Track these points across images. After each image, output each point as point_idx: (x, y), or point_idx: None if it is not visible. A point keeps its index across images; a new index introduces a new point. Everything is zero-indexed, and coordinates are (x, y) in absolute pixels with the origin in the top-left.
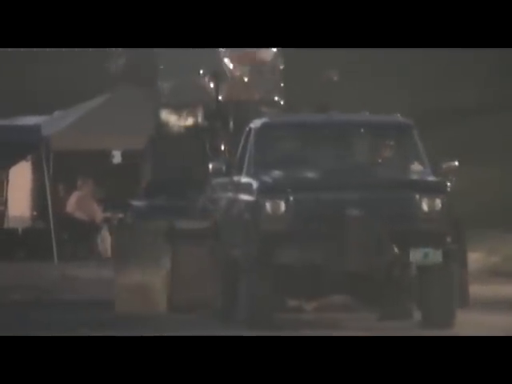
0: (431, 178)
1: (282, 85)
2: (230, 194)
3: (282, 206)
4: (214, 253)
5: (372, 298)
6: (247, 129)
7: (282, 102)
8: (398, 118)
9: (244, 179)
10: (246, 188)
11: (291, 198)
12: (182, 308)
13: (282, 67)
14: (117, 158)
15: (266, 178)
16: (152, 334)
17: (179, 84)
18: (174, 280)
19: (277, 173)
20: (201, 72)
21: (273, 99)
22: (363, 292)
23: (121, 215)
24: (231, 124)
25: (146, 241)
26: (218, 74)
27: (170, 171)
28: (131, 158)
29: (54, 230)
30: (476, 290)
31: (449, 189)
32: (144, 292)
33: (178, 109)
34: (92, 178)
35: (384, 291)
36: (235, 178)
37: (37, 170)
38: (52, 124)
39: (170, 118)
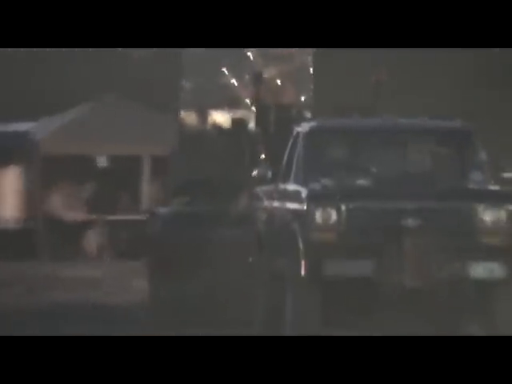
0: (494, 188)
1: (312, 87)
2: (276, 203)
3: (334, 215)
4: (256, 265)
5: (430, 315)
6: (294, 133)
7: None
8: (458, 123)
9: (291, 186)
10: (294, 196)
11: (343, 207)
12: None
13: (312, 69)
14: (102, 162)
15: (316, 186)
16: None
17: (205, 85)
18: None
19: (327, 180)
20: (226, 72)
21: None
22: (420, 309)
23: (109, 217)
24: (272, 128)
25: (182, 253)
26: (258, 75)
27: (201, 177)
28: (115, 163)
29: (42, 231)
30: None
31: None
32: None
33: (203, 111)
34: (78, 180)
35: (447, 309)
36: (282, 186)
37: (26, 174)
38: (40, 130)
39: (195, 121)
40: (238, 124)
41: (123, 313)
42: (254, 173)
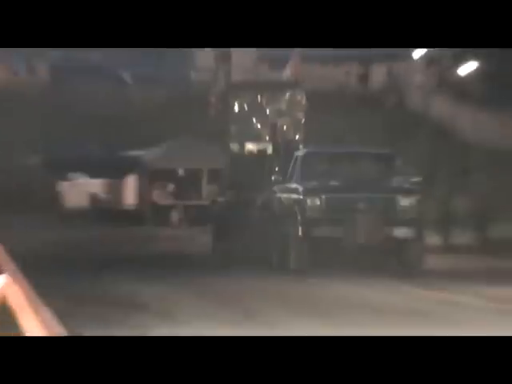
0: (407, 186)
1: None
2: (285, 194)
3: (317, 202)
4: (273, 230)
5: (373, 259)
6: (295, 156)
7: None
8: (387, 150)
9: (294, 185)
10: (296, 191)
11: (323, 197)
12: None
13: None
14: (181, 172)
15: (308, 185)
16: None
17: (246, 127)
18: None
19: (313, 182)
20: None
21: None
22: (367, 256)
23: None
24: (282, 153)
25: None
26: (274, 125)
27: (240, 180)
28: (188, 173)
29: (149, 211)
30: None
31: (418, 192)
32: None
33: (242, 143)
34: (168, 182)
35: (381, 255)
36: (288, 185)
37: (141, 179)
38: (148, 155)
39: (237, 149)
40: (262, 151)
41: (194, 257)
42: (272, 178)
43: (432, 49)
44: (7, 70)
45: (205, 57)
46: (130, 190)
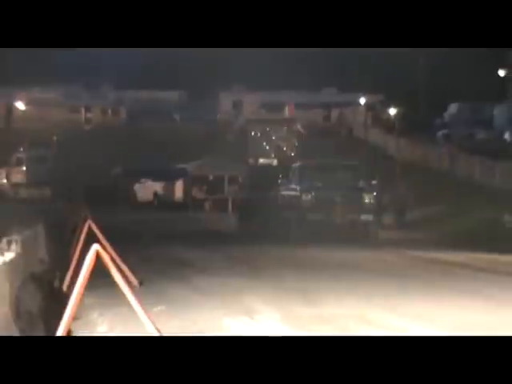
0: (368, 187)
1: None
2: (288, 191)
3: (309, 197)
4: (280, 215)
5: (346, 235)
6: (294, 166)
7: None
8: (355, 160)
9: (293, 186)
10: (295, 189)
11: (313, 193)
12: (268, 237)
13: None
14: (210, 177)
15: (303, 185)
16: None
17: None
18: None
19: (307, 183)
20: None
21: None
22: (341, 232)
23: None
24: (283, 165)
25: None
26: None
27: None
28: (215, 178)
29: (190, 203)
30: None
31: (376, 191)
32: None
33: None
34: (202, 184)
35: (350, 232)
36: (290, 185)
37: (189, 181)
38: (190, 166)
39: (255, 162)
40: (269, 164)
41: (220, 234)
42: (278, 181)
43: (374, 95)
44: (100, 111)
45: (225, 103)
46: (178, 189)
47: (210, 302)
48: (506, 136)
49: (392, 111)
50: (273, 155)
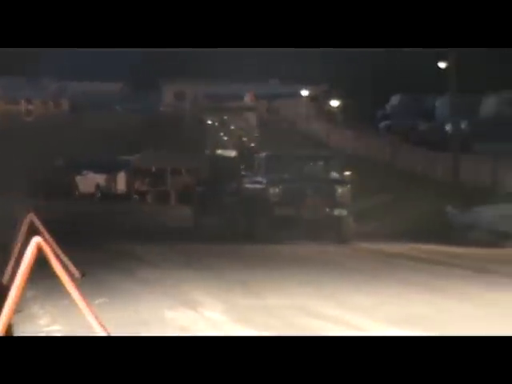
0: (341, 179)
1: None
2: (252, 184)
3: (277, 190)
4: (244, 210)
5: (318, 231)
6: (260, 157)
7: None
8: (328, 150)
9: (259, 178)
10: (261, 182)
11: (280, 186)
12: (230, 234)
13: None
14: (153, 170)
15: (270, 178)
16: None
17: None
18: None
19: (273, 175)
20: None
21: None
22: (313, 229)
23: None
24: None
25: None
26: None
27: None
28: (159, 171)
29: (132, 195)
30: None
31: (349, 183)
32: None
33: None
34: (145, 176)
35: (323, 228)
36: (255, 178)
37: (128, 176)
38: (133, 159)
39: (218, 151)
40: (229, 155)
41: (166, 227)
42: (244, 173)
43: (317, 87)
44: (42, 103)
45: (169, 94)
46: (121, 181)
47: (152, 293)
48: (448, 127)
49: (334, 103)
50: (232, 145)
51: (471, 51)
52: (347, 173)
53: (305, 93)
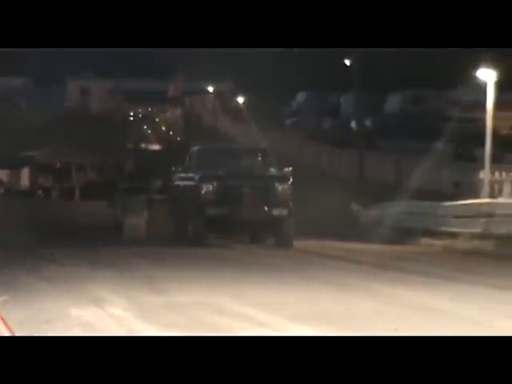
0: (281, 175)
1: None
2: (182, 181)
3: (210, 187)
4: (172, 209)
5: (255, 234)
6: (191, 151)
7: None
8: (263, 145)
9: (190, 174)
10: (192, 178)
11: (214, 183)
12: (156, 235)
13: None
14: (57, 166)
15: (202, 174)
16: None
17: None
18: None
19: (206, 171)
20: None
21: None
22: (251, 231)
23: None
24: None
25: (137, 204)
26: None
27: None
28: (64, 166)
29: (36, 190)
30: None
31: (290, 179)
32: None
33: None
34: (48, 172)
35: (261, 231)
36: (185, 174)
37: (32, 172)
38: (37, 154)
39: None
40: (151, 149)
41: (67, 219)
42: (173, 169)
43: (223, 84)
44: None
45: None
46: (25, 177)
47: (56, 291)
48: (353, 125)
49: (240, 99)
50: (158, 139)
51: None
52: (287, 168)
53: (210, 89)
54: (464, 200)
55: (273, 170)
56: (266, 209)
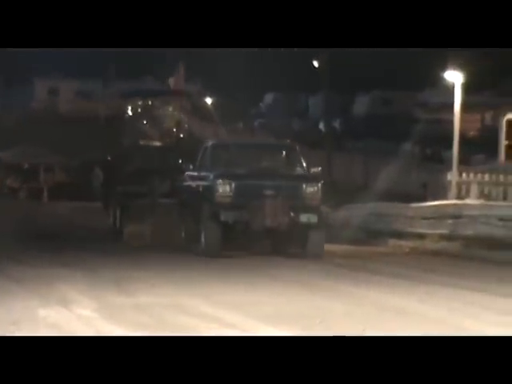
0: (309, 175)
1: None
2: (193, 182)
3: (227, 188)
4: (181, 214)
5: (279, 244)
6: (204, 146)
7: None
8: (289, 142)
9: (203, 173)
10: (205, 177)
11: (232, 184)
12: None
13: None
14: (26, 166)
15: (217, 172)
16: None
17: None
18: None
19: (222, 169)
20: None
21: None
22: (274, 240)
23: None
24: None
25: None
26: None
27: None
28: (32, 167)
29: (5, 191)
30: None
31: (320, 181)
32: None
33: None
34: (17, 173)
35: (286, 240)
36: (198, 173)
37: None
38: (5, 154)
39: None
40: (152, 146)
41: (40, 220)
42: (184, 166)
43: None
44: None
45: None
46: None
47: (24, 291)
48: (321, 126)
49: (208, 100)
50: (157, 136)
51: (343, 50)
52: (317, 168)
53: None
54: (432, 201)
55: (300, 170)
56: (292, 215)
